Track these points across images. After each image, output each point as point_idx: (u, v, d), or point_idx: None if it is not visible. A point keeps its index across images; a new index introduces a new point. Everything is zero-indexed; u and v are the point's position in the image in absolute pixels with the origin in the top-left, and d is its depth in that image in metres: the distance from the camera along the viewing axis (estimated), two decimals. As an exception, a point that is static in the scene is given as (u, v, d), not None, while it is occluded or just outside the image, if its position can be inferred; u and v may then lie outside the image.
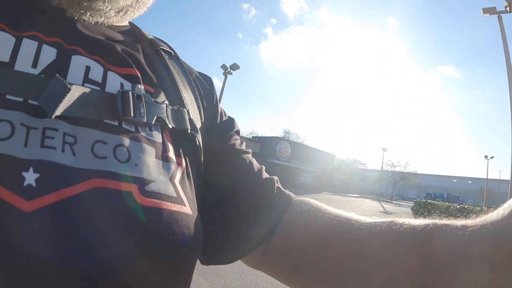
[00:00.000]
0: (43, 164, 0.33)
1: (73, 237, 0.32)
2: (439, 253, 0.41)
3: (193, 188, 0.48)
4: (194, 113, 0.53)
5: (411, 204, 12.33)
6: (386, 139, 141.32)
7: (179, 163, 0.46)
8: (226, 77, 23.96)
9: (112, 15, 0.48)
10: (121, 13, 0.50)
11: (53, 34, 0.41)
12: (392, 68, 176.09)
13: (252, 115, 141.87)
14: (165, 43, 0.62)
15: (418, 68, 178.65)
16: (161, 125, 0.45)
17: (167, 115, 0.46)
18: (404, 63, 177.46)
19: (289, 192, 0.62)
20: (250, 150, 0.64)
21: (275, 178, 0.63)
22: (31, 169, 0.32)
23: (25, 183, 0.31)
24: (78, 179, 0.34)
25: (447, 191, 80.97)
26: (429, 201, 11.52)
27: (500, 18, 14.60)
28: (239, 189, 0.56)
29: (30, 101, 0.35)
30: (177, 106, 0.49)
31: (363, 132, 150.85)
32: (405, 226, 0.46)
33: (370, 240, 0.48)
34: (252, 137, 52.60)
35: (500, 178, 63.24)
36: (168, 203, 0.40)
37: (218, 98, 0.65)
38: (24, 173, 0.32)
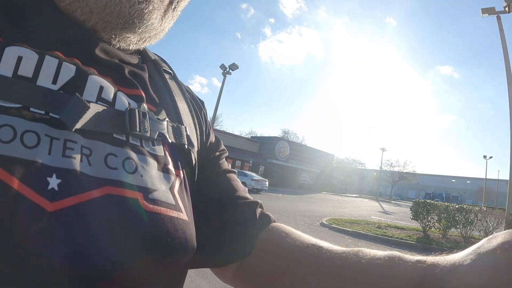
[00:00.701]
0: (64, 171, 0.37)
1: (89, 236, 0.36)
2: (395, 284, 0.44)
3: (189, 197, 0.53)
4: (190, 130, 0.59)
5: (410, 204, 12.29)
6: (385, 139, 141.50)
7: (177, 175, 0.51)
8: (225, 77, 23.89)
9: (134, 42, 0.54)
10: (140, 41, 0.55)
11: (72, 54, 0.45)
12: (390, 68, 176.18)
13: (251, 115, 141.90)
14: (166, 64, 0.68)
15: (417, 68, 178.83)
16: (162, 140, 0.50)
17: (167, 131, 0.51)
18: (403, 63, 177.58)
19: (270, 215, 0.65)
20: (236, 171, 0.70)
21: (259, 202, 0.66)
22: (54, 175, 0.36)
23: (49, 187, 0.36)
24: (94, 186, 0.39)
25: (446, 191, 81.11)
26: (428, 201, 11.41)
27: (499, 18, 14.59)
28: (225, 203, 0.61)
29: (51, 114, 0.39)
30: (176, 123, 0.55)
31: (362, 132, 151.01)
32: (369, 256, 0.49)
33: (339, 264, 0.51)
34: (251, 137, 52.64)
35: (499, 178, 63.31)
36: (168, 209, 0.45)
37: (209, 119, 0.71)
38: (48, 178, 0.36)
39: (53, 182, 0.36)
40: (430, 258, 0.43)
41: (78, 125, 0.39)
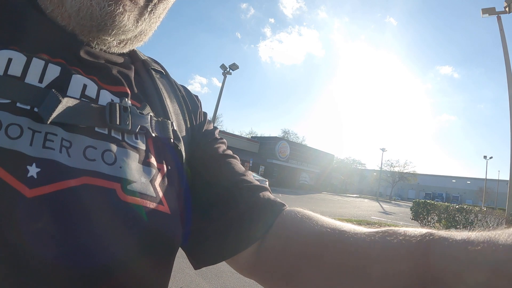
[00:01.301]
0: (44, 162, 0.40)
1: (65, 222, 0.38)
2: (434, 268, 0.38)
3: (175, 191, 0.54)
4: (178, 124, 0.62)
5: (410, 204, 12.28)
6: (385, 139, 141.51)
7: (160, 168, 0.52)
8: (225, 77, 23.88)
9: (114, 45, 0.55)
10: (121, 44, 0.57)
11: (58, 56, 0.48)
12: (390, 68, 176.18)
13: (251, 115, 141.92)
14: (158, 64, 0.71)
15: (417, 68, 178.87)
16: (145, 133, 0.52)
17: (150, 125, 0.53)
18: (403, 63, 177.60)
19: (281, 201, 0.63)
20: (236, 156, 0.70)
21: (266, 186, 0.65)
22: (34, 164, 0.39)
23: (29, 175, 0.38)
24: (72, 175, 0.41)
25: (446, 191, 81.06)
26: (428, 201, 11.41)
27: (499, 19, 14.58)
28: (238, 190, 0.60)
29: (35, 109, 0.42)
30: (161, 118, 0.56)
31: (362, 132, 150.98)
32: (400, 237, 0.44)
33: (365, 248, 0.46)
34: (251, 137, 52.63)
35: (499, 178, 63.33)
36: (147, 201, 0.46)
37: (204, 113, 0.74)
38: (28, 167, 0.38)
39: (33, 170, 0.38)
40: (474, 237, 0.37)
41: (52, 118, 0.41)
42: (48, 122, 0.41)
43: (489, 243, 0.35)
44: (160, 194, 0.49)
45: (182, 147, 0.58)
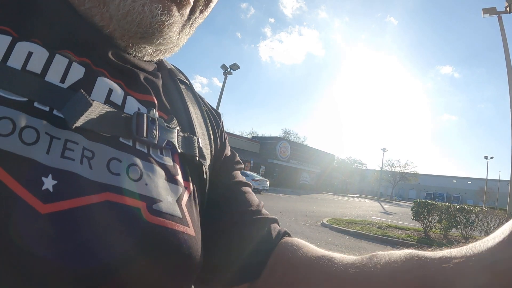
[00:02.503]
0: (61, 173, 0.36)
1: (80, 243, 0.34)
2: None
3: (198, 212, 0.50)
4: (203, 142, 0.57)
5: (411, 204, 12.27)
6: (386, 139, 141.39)
7: (186, 187, 0.48)
8: (226, 77, 23.92)
9: (150, 53, 0.53)
10: (156, 53, 0.54)
11: (83, 54, 0.45)
12: (391, 67, 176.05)
13: (251, 115, 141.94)
14: (182, 74, 0.67)
15: (417, 68, 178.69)
16: (171, 149, 0.49)
17: (177, 140, 0.49)
18: (403, 63, 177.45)
19: (286, 230, 0.62)
20: (250, 183, 0.67)
21: (275, 218, 0.63)
22: (50, 176, 0.35)
23: (43, 187, 0.34)
24: (93, 190, 0.37)
25: (447, 191, 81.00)
26: (429, 201, 11.36)
27: (500, 19, 14.57)
28: (238, 219, 0.58)
29: (55, 111, 0.38)
30: (188, 134, 0.53)
31: (363, 132, 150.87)
32: (384, 260, 0.44)
33: (353, 273, 0.46)
34: (252, 137, 52.65)
35: (500, 179, 63.23)
36: (173, 223, 0.42)
37: (225, 134, 0.70)
38: (43, 178, 0.34)
39: (48, 182, 0.35)
40: (456, 254, 0.37)
41: (78, 123, 0.38)
42: (73, 127, 0.38)
43: (472, 251, 0.36)
44: (187, 215, 0.46)
45: (206, 166, 0.55)
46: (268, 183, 27.47)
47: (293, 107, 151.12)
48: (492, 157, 56.51)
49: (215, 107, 0.69)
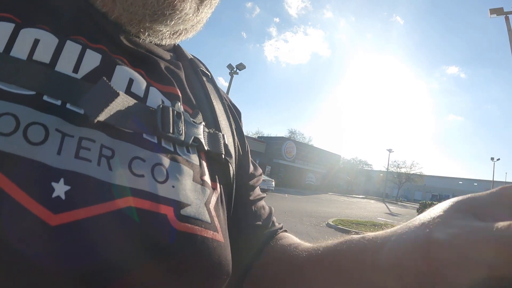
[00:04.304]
0: (75, 177, 0.31)
1: (98, 260, 0.30)
2: (347, 264, 0.40)
3: (225, 215, 0.47)
4: (228, 138, 0.53)
5: (417, 205, 12.26)
6: (392, 140, 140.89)
7: (214, 188, 0.44)
8: (232, 77, 23.95)
9: (167, 36, 0.48)
10: (175, 35, 0.50)
11: (98, 41, 0.40)
12: (397, 67, 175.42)
13: (257, 115, 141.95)
14: (203, 64, 0.62)
15: (423, 68, 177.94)
16: (197, 146, 0.44)
17: (204, 137, 0.45)
18: (409, 63, 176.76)
19: (279, 229, 0.62)
20: (265, 195, 0.65)
21: (281, 227, 0.63)
22: (61, 180, 0.30)
23: (54, 195, 0.30)
24: (112, 196, 0.33)
25: (452, 193, 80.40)
26: (435, 202, 11.33)
27: (507, 19, 14.51)
28: (246, 231, 0.57)
29: (68, 105, 0.34)
30: (213, 130, 0.49)
31: (369, 133, 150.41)
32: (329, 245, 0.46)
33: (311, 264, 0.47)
34: (258, 137, 52.66)
35: (506, 180, 62.90)
36: (202, 229, 0.38)
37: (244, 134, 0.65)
38: (54, 184, 0.30)
39: (60, 188, 0.30)
40: (371, 234, 0.41)
41: (102, 116, 0.34)
42: (96, 121, 0.34)
43: (389, 232, 0.38)
44: (215, 219, 0.42)
45: (233, 164, 0.51)
46: (273, 183, 27.40)
47: (299, 107, 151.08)
48: (498, 159, 56.26)
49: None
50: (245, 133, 0.64)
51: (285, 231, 0.63)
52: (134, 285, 0.32)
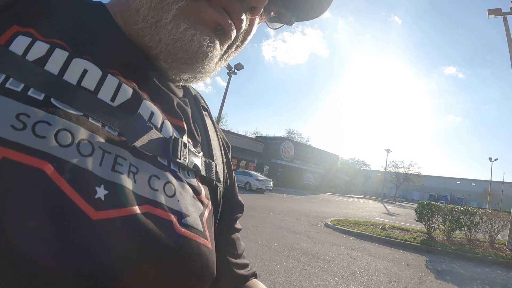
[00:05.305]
0: (112, 185, 0.39)
1: (124, 250, 0.37)
2: None
3: (213, 228, 0.56)
4: (219, 169, 0.63)
5: (415, 205, 12.25)
6: (390, 140, 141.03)
7: (207, 205, 0.53)
8: (230, 77, 23.85)
9: (186, 78, 0.58)
10: (191, 79, 0.59)
11: (130, 76, 0.49)
12: (395, 67, 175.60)
13: (255, 115, 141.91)
14: (203, 99, 0.73)
15: (421, 68, 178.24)
16: (195, 171, 0.54)
17: (201, 165, 0.56)
18: (407, 63, 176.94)
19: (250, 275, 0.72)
20: (240, 228, 0.74)
21: (252, 272, 0.73)
22: (102, 186, 0.38)
23: (96, 196, 0.37)
24: (136, 202, 0.41)
25: (450, 193, 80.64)
26: (432, 202, 11.32)
27: (505, 19, 14.49)
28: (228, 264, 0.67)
29: (106, 128, 0.43)
30: (208, 159, 0.59)
31: (367, 133, 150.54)
32: None
33: None
34: (256, 137, 52.58)
35: (504, 180, 63.00)
36: (197, 236, 0.47)
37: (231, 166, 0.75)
38: (97, 188, 0.38)
39: (101, 192, 0.38)
40: None
41: (138, 143, 0.43)
42: (132, 146, 0.43)
43: None
44: (206, 229, 0.50)
45: (221, 189, 0.61)
46: (271, 183, 27.46)
47: (297, 107, 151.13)
48: (496, 159, 56.16)
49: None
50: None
51: (256, 276, 0.74)
52: (139, 279, 0.39)
